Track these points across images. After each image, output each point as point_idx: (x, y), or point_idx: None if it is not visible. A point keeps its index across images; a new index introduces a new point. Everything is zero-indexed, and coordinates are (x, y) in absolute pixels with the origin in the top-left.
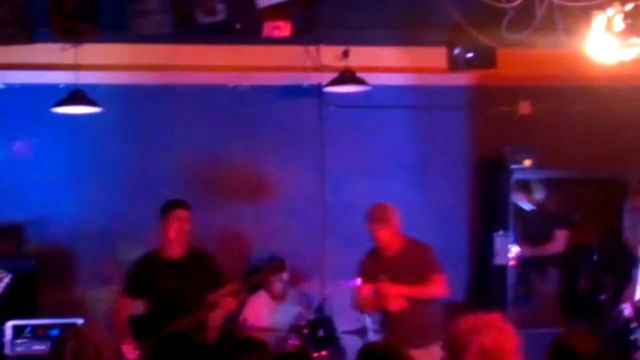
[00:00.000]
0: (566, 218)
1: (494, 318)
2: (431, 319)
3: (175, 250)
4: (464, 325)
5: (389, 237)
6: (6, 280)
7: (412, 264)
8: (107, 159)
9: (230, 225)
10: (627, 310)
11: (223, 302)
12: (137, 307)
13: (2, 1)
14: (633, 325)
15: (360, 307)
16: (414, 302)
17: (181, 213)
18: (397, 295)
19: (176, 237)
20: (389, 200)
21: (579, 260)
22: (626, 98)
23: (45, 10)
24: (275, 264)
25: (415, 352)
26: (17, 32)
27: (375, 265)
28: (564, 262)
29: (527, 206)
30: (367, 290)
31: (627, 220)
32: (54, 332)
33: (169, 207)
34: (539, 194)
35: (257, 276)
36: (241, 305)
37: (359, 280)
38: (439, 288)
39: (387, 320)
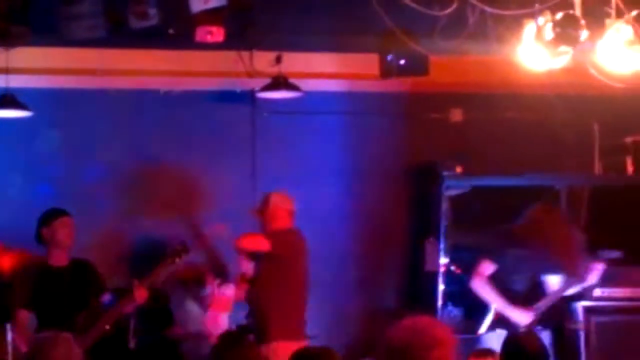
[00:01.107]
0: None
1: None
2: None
3: (62, 258)
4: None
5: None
6: None
7: None
8: (38, 164)
9: (159, 231)
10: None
11: (137, 293)
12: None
13: None
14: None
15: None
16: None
17: (70, 220)
18: None
19: (69, 243)
20: (322, 206)
21: None
22: (556, 106)
23: None
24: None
25: None
26: None
27: None
28: None
29: None
30: None
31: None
32: None
33: (57, 214)
34: None
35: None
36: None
37: None
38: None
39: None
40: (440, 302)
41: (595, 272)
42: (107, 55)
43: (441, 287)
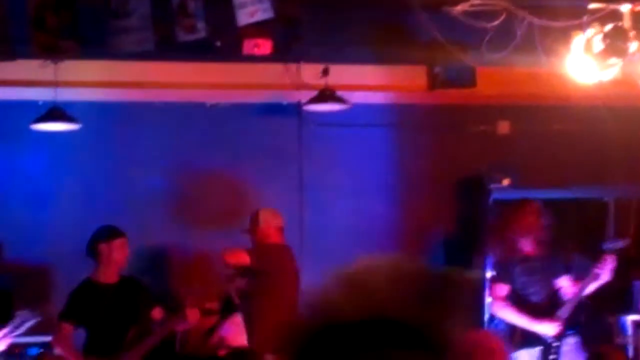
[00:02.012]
0: None
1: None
2: None
3: (112, 275)
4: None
5: None
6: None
7: None
8: (86, 176)
9: (207, 244)
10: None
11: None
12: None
13: None
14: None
15: None
16: None
17: (126, 241)
18: None
19: (124, 264)
20: (368, 218)
21: None
22: (604, 118)
23: (25, 27)
24: None
25: None
26: None
27: None
28: None
29: None
30: None
31: None
32: (32, 350)
33: (116, 234)
34: None
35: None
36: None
37: None
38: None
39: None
40: (487, 315)
41: (608, 267)
42: (154, 68)
43: (488, 300)
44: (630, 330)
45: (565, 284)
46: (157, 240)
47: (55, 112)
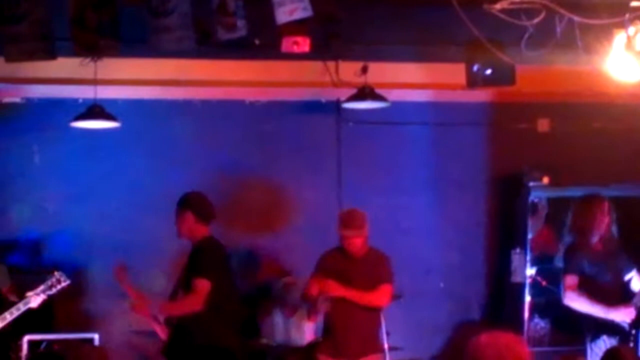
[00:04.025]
0: None
1: (512, 340)
2: (373, 329)
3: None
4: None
5: (362, 245)
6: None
7: (369, 270)
8: (125, 173)
9: (247, 241)
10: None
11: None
12: None
13: (23, 16)
14: None
15: (307, 298)
16: (359, 311)
17: None
18: (337, 288)
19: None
20: (407, 217)
21: None
22: None
23: (66, 25)
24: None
25: None
26: (38, 48)
27: (337, 263)
28: None
29: None
30: (316, 289)
31: None
32: None
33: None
34: None
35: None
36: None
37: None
38: (382, 298)
39: (330, 328)
40: (526, 314)
41: None
42: (193, 66)
43: (527, 298)
44: None
45: (633, 277)
46: None
47: (95, 109)
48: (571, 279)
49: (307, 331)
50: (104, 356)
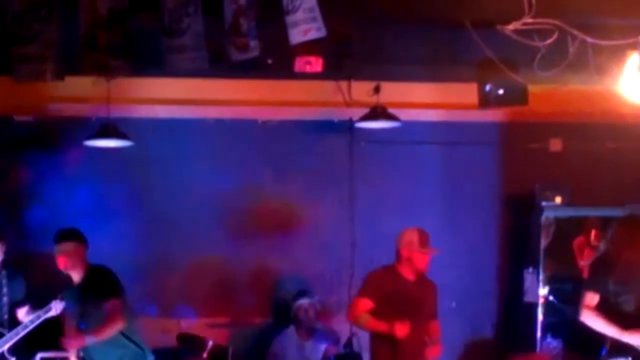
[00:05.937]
0: None
1: None
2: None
3: None
4: None
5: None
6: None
7: (426, 298)
8: (138, 192)
9: (259, 260)
10: None
11: None
12: None
13: (34, 37)
14: None
15: (356, 322)
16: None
17: None
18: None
19: None
20: None
21: None
22: None
23: (78, 45)
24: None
25: None
26: (47, 69)
27: (393, 285)
28: None
29: None
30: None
31: None
32: None
33: None
34: None
35: None
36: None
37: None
38: (438, 335)
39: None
40: (539, 334)
41: None
42: (206, 86)
43: (540, 317)
44: None
45: None
46: (210, 255)
47: (108, 128)
48: (590, 298)
49: (321, 353)
50: None
